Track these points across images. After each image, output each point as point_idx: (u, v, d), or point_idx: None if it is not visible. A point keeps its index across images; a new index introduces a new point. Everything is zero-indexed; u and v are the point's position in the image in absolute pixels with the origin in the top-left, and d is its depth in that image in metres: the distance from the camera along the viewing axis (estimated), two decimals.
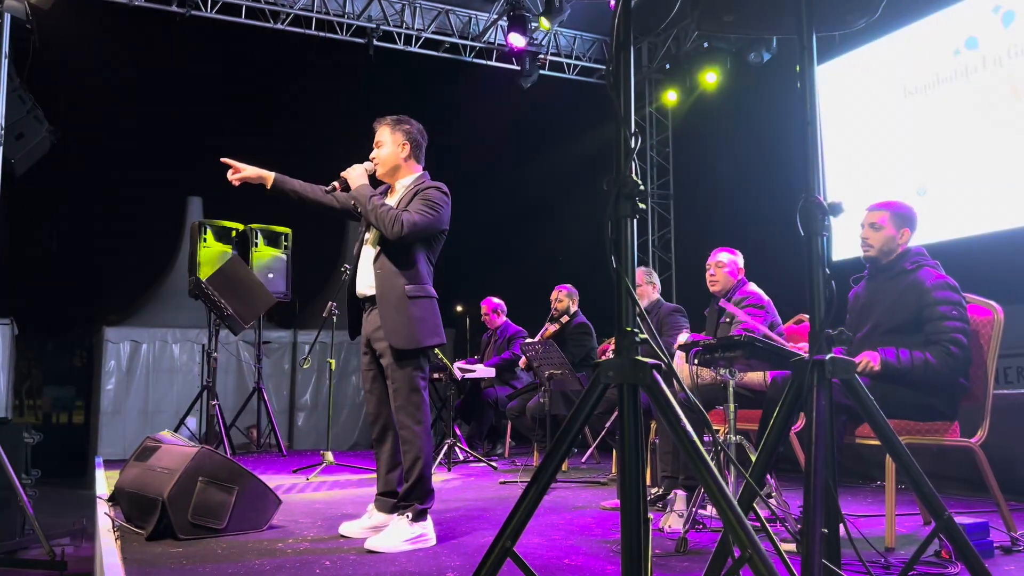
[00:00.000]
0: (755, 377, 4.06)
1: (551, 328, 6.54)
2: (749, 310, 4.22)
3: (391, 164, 3.56)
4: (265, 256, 7.65)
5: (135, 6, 7.65)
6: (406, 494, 3.32)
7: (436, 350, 3.84)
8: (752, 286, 4.37)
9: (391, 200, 3.53)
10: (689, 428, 1.53)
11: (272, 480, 4.69)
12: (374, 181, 3.60)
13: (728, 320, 4.29)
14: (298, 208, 3.62)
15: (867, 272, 3.62)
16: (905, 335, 3.31)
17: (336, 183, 3.55)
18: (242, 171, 3.47)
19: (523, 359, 6.85)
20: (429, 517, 3.36)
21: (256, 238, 7.67)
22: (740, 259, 4.50)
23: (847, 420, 3.21)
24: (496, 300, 7.52)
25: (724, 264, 4.45)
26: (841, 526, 1.85)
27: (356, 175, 3.50)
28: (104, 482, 5.01)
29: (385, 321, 3.39)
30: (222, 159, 3.48)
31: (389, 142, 3.55)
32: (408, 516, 3.26)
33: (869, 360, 3.25)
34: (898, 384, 3.22)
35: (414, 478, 3.30)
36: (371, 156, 3.58)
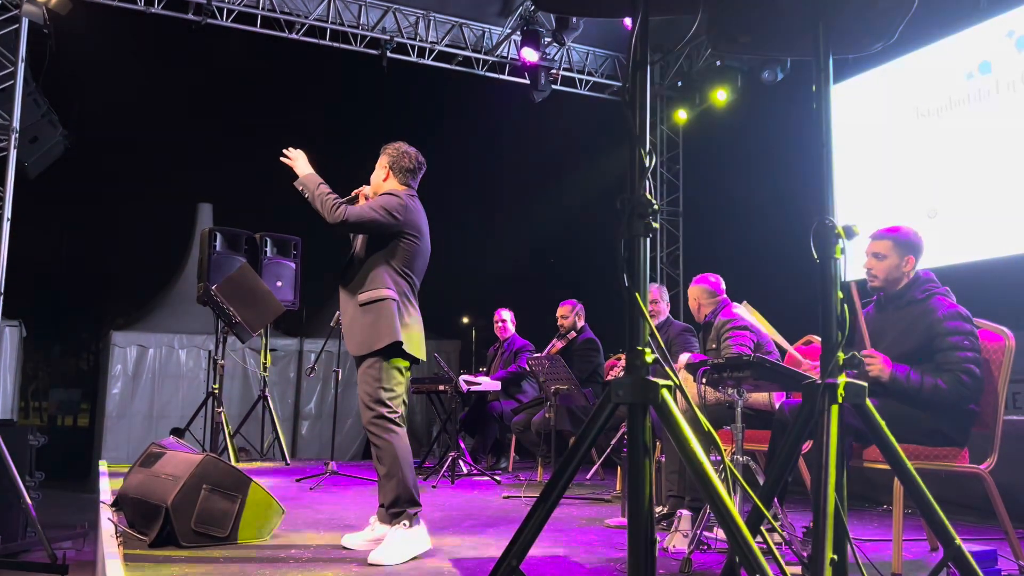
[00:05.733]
0: (760, 397, 4.04)
1: (558, 344, 6.52)
2: (733, 333, 4.25)
3: (374, 188, 3.70)
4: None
5: (151, 14, 7.70)
6: (392, 502, 3.35)
7: (435, 357, 3.88)
8: (735, 307, 4.39)
9: None
10: (699, 449, 1.52)
11: (275, 489, 4.68)
12: None
13: (715, 346, 4.34)
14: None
15: (876, 298, 3.59)
16: (914, 364, 3.28)
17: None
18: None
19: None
20: (421, 521, 3.39)
21: (266, 246, 7.68)
22: (706, 286, 4.58)
23: (853, 442, 3.19)
24: (508, 311, 7.52)
25: (690, 298, 4.66)
26: (848, 550, 1.83)
27: (301, 164, 3.56)
28: (108, 487, 5.01)
29: (345, 334, 3.58)
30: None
31: (377, 166, 3.71)
32: (404, 524, 3.29)
33: (882, 366, 3.22)
34: (902, 403, 3.19)
35: (392, 487, 3.34)
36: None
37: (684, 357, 4.42)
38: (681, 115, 9.89)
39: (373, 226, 3.47)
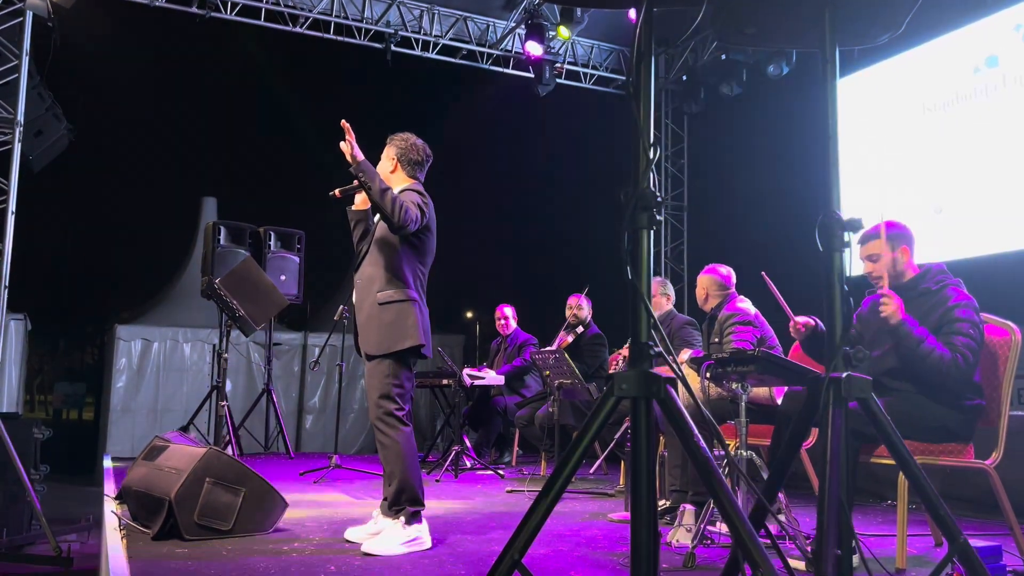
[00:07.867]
0: (761, 392, 4.03)
1: (567, 338, 6.51)
2: (736, 328, 4.23)
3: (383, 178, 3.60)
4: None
5: (155, 6, 7.69)
6: (394, 499, 3.35)
7: (440, 351, 3.84)
8: (740, 301, 4.37)
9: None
10: (703, 443, 1.51)
11: (279, 482, 4.68)
12: None
13: (716, 340, 4.32)
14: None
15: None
16: None
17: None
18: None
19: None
20: (424, 520, 3.38)
21: (270, 239, 7.68)
22: (716, 277, 4.54)
23: (859, 439, 3.17)
24: (510, 307, 7.52)
25: (698, 287, 4.63)
26: (853, 545, 1.82)
27: (357, 148, 3.30)
28: (112, 480, 5.02)
29: (360, 330, 3.51)
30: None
31: (383, 157, 3.64)
32: (402, 520, 3.29)
33: (895, 309, 3.15)
34: (899, 353, 3.17)
35: (396, 483, 3.34)
36: None
37: (686, 353, 4.41)
38: (686, 108, 9.86)
39: (417, 226, 3.38)
